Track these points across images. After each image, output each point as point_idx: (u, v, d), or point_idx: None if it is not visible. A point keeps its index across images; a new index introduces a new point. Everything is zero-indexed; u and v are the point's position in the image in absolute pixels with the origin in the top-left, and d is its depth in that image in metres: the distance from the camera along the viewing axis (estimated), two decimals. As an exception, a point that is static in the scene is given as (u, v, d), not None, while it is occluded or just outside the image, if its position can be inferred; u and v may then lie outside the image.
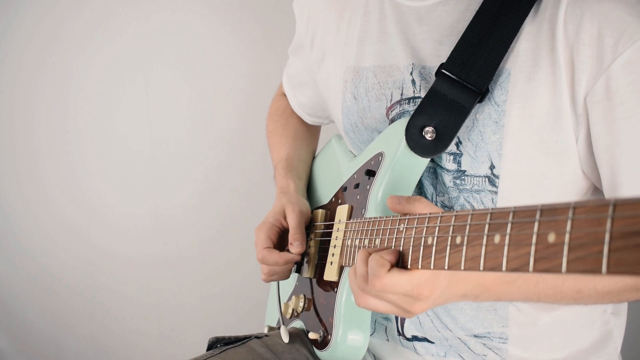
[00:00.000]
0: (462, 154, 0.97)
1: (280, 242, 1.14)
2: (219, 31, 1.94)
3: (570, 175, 0.94)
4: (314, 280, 1.11)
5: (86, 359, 2.10)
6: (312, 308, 1.10)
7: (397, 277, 0.75)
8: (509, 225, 0.57)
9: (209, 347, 1.10)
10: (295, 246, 1.09)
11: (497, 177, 0.95)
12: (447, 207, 1.01)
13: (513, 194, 0.95)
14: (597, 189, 0.98)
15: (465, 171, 0.97)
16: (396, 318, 1.08)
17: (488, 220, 0.61)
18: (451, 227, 0.68)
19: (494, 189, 0.96)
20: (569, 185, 0.95)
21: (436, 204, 1.02)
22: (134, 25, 1.91)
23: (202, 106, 1.98)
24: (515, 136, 0.92)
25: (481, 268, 0.60)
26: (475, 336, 1.02)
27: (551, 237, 0.51)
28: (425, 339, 1.06)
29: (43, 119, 1.95)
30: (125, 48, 1.92)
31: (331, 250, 1.05)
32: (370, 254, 0.80)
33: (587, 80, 0.86)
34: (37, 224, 2.01)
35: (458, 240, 0.66)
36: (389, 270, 0.76)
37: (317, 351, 1.04)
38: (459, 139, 0.96)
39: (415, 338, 1.06)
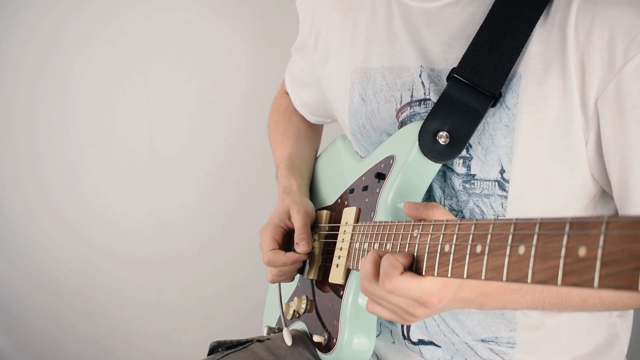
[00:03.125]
0: (472, 158, 0.96)
1: (286, 243, 1.13)
2: (219, 31, 1.94)
3: (580, 179, 0.94)
4: (317, 282, 1.11)
5: (86, 359, 2.10)
6: (314, 310, 1.09)
7: (409, 281, 0.75)
8: (535, 237, 0.55)
9: (210, 352, 1.08)
10: (301, 246, 1.07)
11: (507, 181, 0.94)
12: (455, 211, 1.01)
13: (523, 198, 0.95)
14: (605, 193, 0.98)
15: (474, 175, 0.97)
16: None
17: (512, 230, 0.59)
18: (471, 236, 0.66)
19: (504, 193, 0.95)
20: (578, 190, 0.95)
21: (444, 207, 1.01)
22: (134, 25, 1.90)
23: (202, 106, 1.98)
24: (526, 140, 0.91)
25: (504, 279, 0.59)
26: (482, 341, 1.02)
27: (582, 251, 0.49)
28: (431, 343, 1.05)
29: (43, 119, 1.94)
30: (125, 48, 1.91)
31: (337, 252, 1.04)
32: (380, 257, 0.80)
33: (597, 84, 0.85)
34: (37, 224, 2.00)
35: (478, 249, 0.64)
36: (402, 273, 0.75)
37: (320, 354, 1.03)
38: (469, 143, 0.95)
39: (421, 342, 1.06)
